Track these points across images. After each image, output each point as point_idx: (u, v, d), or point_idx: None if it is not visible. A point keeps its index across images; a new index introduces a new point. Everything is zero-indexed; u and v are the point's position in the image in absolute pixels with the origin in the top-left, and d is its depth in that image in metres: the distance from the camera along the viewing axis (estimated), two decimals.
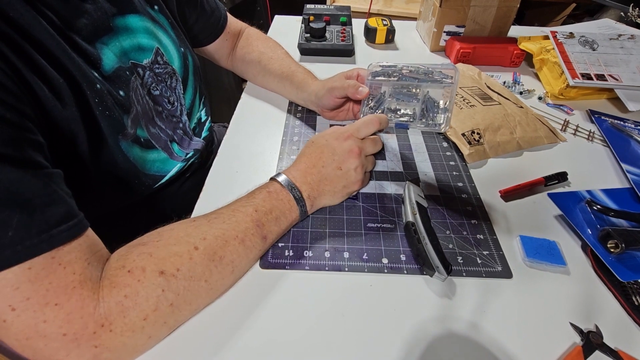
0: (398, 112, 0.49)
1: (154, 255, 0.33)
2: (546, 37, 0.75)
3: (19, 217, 0.27)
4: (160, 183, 0.53)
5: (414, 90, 0.48)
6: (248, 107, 0.65)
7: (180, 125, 0.55)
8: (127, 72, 0.44)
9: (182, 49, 0.55)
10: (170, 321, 0.33)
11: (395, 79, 0.49)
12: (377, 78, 0.50)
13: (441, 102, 0.48)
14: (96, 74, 0.40)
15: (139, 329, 0.31)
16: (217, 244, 0.35)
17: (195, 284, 0.34)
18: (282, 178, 0.42)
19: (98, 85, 0.39)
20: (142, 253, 0.33)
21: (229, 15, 0.68)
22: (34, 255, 0.27)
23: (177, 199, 0.58)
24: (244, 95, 0.68)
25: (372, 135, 0.48)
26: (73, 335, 0.28)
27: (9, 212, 0.27)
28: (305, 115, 0.63)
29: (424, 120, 0.48)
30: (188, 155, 0.58)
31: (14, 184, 0.28)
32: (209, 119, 0.65)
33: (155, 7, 0.51)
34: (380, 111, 0.50)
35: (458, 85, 0.46)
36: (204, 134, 0.63)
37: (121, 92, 0.43)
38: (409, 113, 0.49)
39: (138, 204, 0.52)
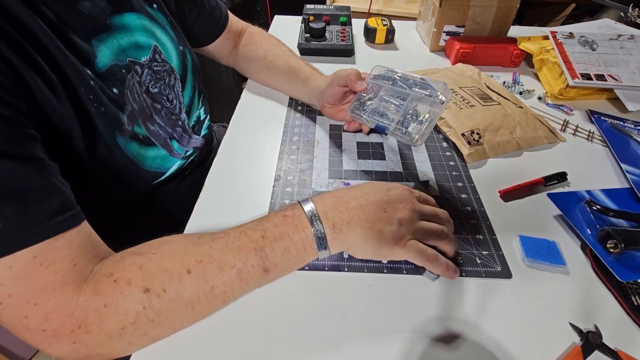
0: (384, 116, 0.49)
1: (144, 269, 0.32)
2: (546, 37, 0.75)
3: (13, 208, 0.28)
4: (159, 180, 0.53)
5: (401, 101, 0.47)
6: (248, 106, 0.65)
7: (180, 122, 0.55)
8: (123, 70, 0.44)
9: (181, 47, 0.55)
10: (151, 333, 0.32)
11: (390, 83, 0.49)
12: (376, 80, 0.51)
13: (422, 117, 0.46)
14: (89, 72, 0.39)
15: (116, 336, 0.30)
16: (210, 271, 0.33)
17: (180, 309, 0.32)
18: (306, 203, 0.38)
19: (92, 83, 0.39)
20: (133, 264, 0.32)
21: (230, 14, 0.68)
22: (26, 246, 0.28)
23: (175, 196, 0.58)
24: (244, 95, 0.68)
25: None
26: (52, 331, 0.29)
27: (3, 204, 0.27)
28: (306, 114, 0.63)
29: (398, 128, 0.47)
30: (188, 153, 0.58)
31: (10, 176, 0.28)
32: (208, 117, 0.65)
33: (154, 5, 0.51)
34: (367, 110, 0.51)
35: (450, 101, 0.45)
36: (203, 132, 0.63)
37: (115, 90, 0.43)
38: (392, 119, 0.48)
39: (137, 201, 0.52)
